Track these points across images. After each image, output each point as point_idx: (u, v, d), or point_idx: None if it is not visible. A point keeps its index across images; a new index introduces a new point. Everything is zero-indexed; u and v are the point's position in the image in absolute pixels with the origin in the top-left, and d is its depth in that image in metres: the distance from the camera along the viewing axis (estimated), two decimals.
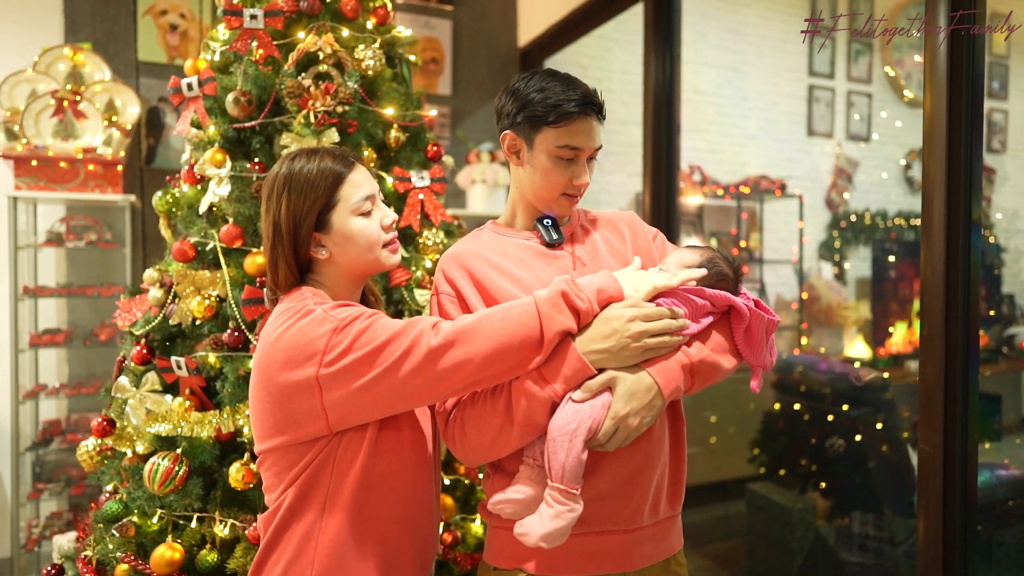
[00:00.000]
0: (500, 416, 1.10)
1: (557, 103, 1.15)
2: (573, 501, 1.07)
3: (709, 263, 1.20)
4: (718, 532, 3.39)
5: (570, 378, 1.08)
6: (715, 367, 1.14)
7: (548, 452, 1.08)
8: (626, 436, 1.09)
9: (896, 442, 2.61)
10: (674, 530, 1.25)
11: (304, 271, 1.21)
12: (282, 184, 1.16)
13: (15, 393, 2.87)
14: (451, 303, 1.22)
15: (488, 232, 1.31)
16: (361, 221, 1.17)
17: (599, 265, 1.24)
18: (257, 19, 1.75)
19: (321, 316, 1.08)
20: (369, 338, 1.06)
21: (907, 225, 5.07)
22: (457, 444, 1.16)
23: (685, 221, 4.44)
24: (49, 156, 2.88)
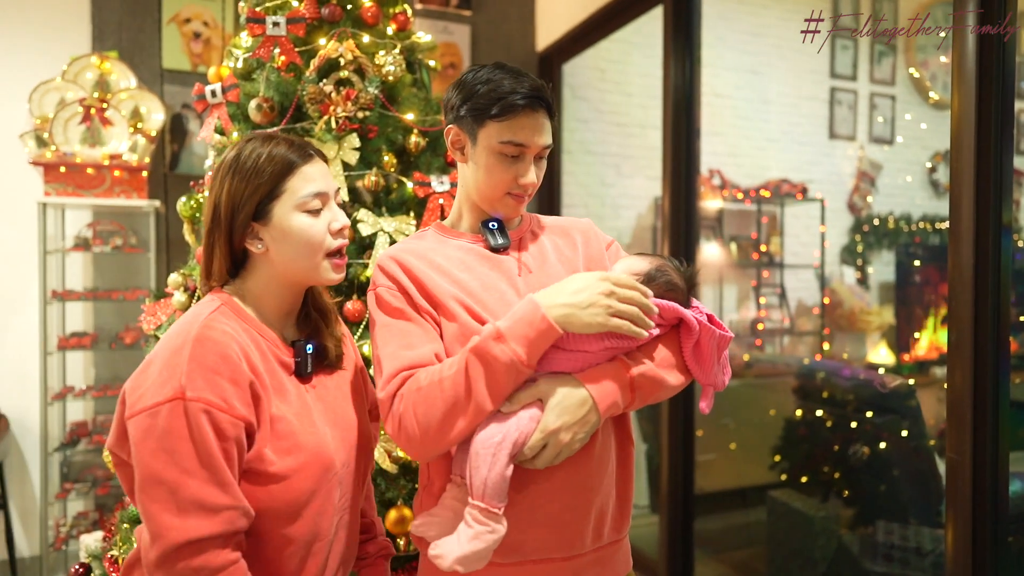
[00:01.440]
0: (454, 386, 0.99)
1: (501, 95, 1.07)
2: (495, 521, 0.98)
3: (657, 271, 1.12)
4: (738, 539, 3.36)
5: (532, 339, 0.98)
6: (658, 382, 1.06)
7: (470, 466, 1.00)
8: (556, 453, 1.00)
9: (922, 450, 2.56)
10: (619, 554, 1.16)
11: (239, 266, 1.10)
12: (228, 165, 1.06)
13: (44, 395, 2.93)
14: (391, 295, 1.11)
15: (432, 233, 1.23)
16: (305, 219, 1.06)
17: (547, 272, 1.17)
18: (279, 26, 1.77)
19: (177, 365, 0.95)
20: (154, 469, 0.92)
21: (932, 229, 4.99)
22: (402, 430, 1.03)
23: (705, 225, 4.41)
24: (77, 163, 2.93)
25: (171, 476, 0.91)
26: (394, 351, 1.07)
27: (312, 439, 1.05)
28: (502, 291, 1.13)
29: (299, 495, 1.01)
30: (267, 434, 1.01)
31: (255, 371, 1.01)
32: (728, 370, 1.15)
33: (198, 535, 0.91)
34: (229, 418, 0.95)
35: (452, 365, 1.02)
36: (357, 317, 1.68)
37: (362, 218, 1.72)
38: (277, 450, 1.01)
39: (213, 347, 0.97)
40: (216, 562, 0.92)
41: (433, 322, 1.11)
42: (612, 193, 4.27)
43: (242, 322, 1.05)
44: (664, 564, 2.75)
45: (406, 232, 1.75)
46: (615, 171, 4.28)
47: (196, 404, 0.93)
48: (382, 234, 1.72)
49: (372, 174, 1.75)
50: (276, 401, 1.04)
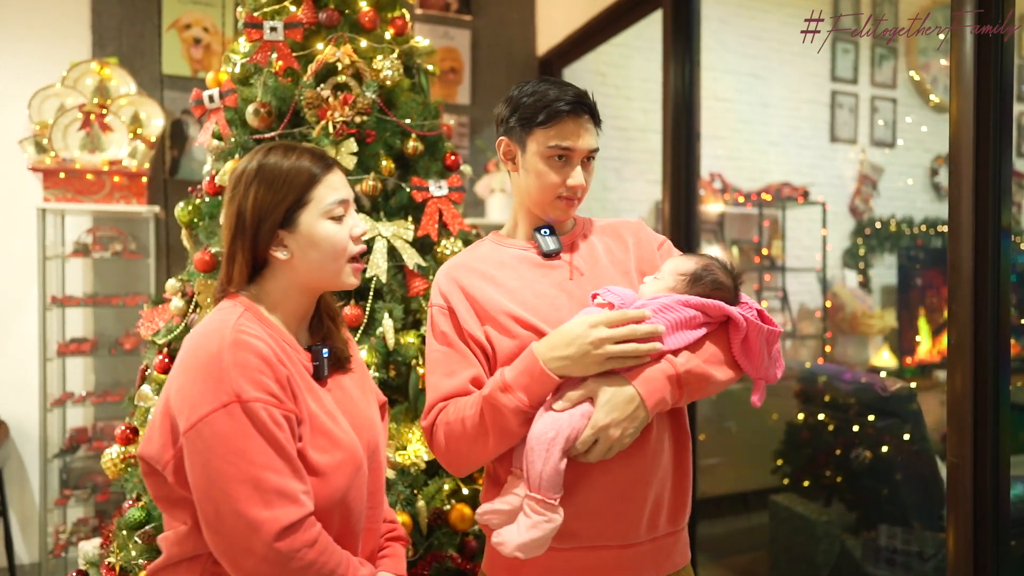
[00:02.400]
0: (474, 427, 1.10)
1: (547, 103, 1.15)
2: (551, 511, 1.04)
3: (704, 271, 1.16)
4: (740, 544, 3.34)
5: (531, 387, 1.06)
6: (705, 378, 1.10)
7: (526, 460, 1.06)
8: (607, 447, 1.06)
9: (924, 453, 2.55)
10: (677, 546, 1.21)
11: (256, 273, 1.13)
12: (253, 174, 1.09)
13: (43, 401, 2.93)
14: (442, 315, 1.21)
15: (488, 242, 1.30)
16: (331, 226, 1.10)
17: (598, 275, 1.22)
18: (277, 31, 1.77)
19: (222, 371, 0.98)
20: (222, 469, 0.95)
21: (934, 232, 4.97)
22: (440, 454, 1.17)
23: (705, 229, 4.41)
24: (76, 168, 2.94)
25: (249, 473, 0.96)
26: (436, 380, 1.18)
27: (346, 438, 1.10)
28: (553, 297, 1.19)
29: (335, 491, 1.06)
30: (307, 430, 1.05)
31: (289, 370, 1.06)
32: (781, 363, 1.18)
33: (290, 520, 0.96)
34: (282, 411, 1.01)
35: (472, 405, 1.11)
36: (355, 322, 1.67)
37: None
38: (316, 447, 1.05)
39: (251, 349, 1.01)
40: (311, 535, 0.99)
41: (476, 346, 1.18)
42: (612, 197, 4.27)
43: (264, 326, 1.08)
44: None
45: (404, 237, 1.75)
46: (616, 175, 4.28)
47: (253, 404, 0.97)
48: (380, 239, 1.72)
49: (370, 179, 1.75)
50: (309, 399, 1.08)
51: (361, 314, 1.68)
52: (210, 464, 0.96)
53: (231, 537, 0.96)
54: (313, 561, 0.98)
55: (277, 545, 0.95)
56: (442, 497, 1.70)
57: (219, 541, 0.98)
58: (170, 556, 1.08)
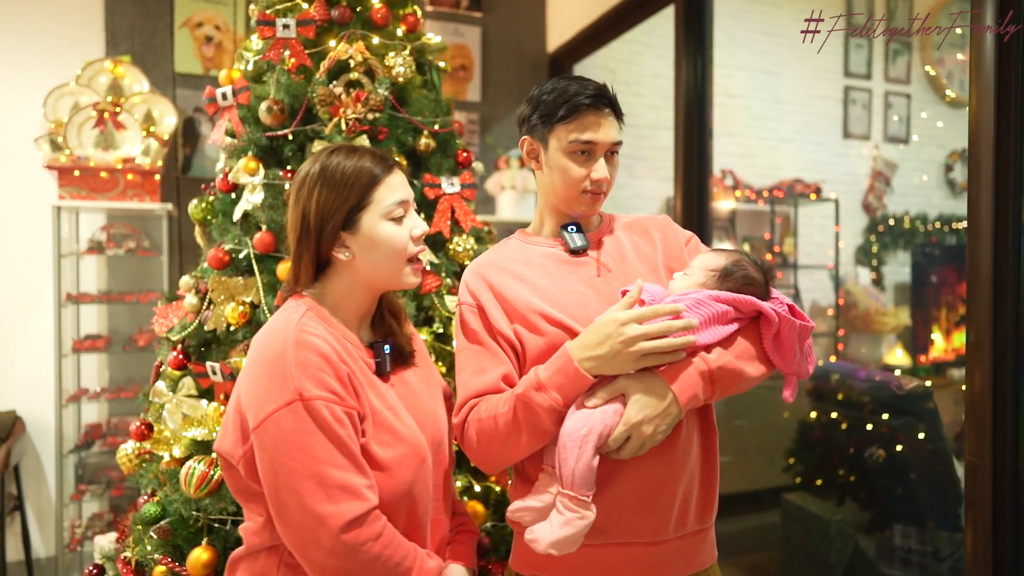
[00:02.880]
0: (507, 424, 1.10)
1: (567, 98, 1.15)
2: (584, 508, 1.04)
3: (735, 266, 1.16)
4: (752, 543, 3.32)
5: (565, 387, 1.06)
6: (737, 374, 1.09)
7: (558, 458, 1.06)
8: (640, 444, 1.05)
9: (940, 452, 2.52)
10: (705, 544, 1.21)
11: (320, 273, 1.16)
12: (316, 177, 1.11)
13: (59, 397, 2.95)
14: (472, 314, 1.21)
15: (515, 240, 1.30)
16: (391, 227, 1.13)
17: (626, 271, 1.22)
18: (289, 28, 1.77)
19: (285, 369, 1.02)
20: (287, 463, 0.99)
21: (948, 229, 4.92)
22: (471, 452, 1.17)
23: (717, 226, 4.38)
24: (90, 166, 2.96)
25: (313, 469, 0.99)
26: (467, 378, 1.18)
27: (409, 432, 1.12)
28: (581, 293, 1.19)
29: (400, 485, 1.08)
30: (370, 425, 1.08)
31: (350, 367, 1.08)
32: (812, 358, 1.18)
33: (354, 514, 0.99)
34: (344, 408, 1.03)
35: (505, 403, 1.11)
36: None
37: None
38: (379, 442, 1.07)
39: (313, 348, 1.04)
40: (376, 529, 1.02)
41: (507, 344, 1.18)
42: (624, 194, 4.25)
43: (327, 325, 1.11)
44: None
45: None
46: (627, 172, 4.26)
47: (315, 402, 1.00)
48: None
49: None
50: (371, 395, 1.10)
51: None
52: (277, 461, 1.00)
53: (299, 530, 0.99)
54: (379, 554, 1.01)
55: (343, 537, 0.98)
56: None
57: (289, 534, 1.01)
58: (250, 546, 1.13)
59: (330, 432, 1.00)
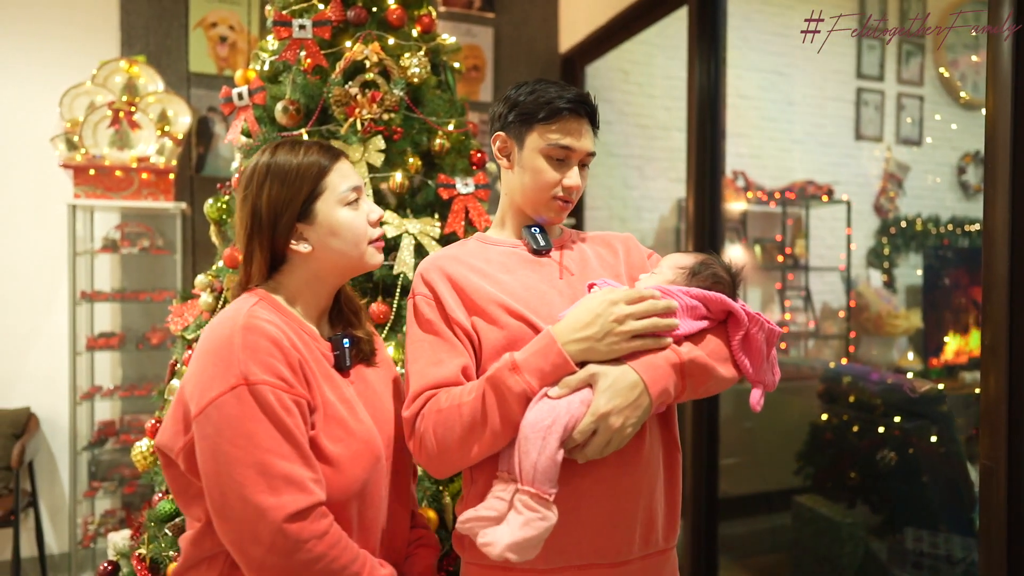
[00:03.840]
0: (471, 414, 1.01)
1: (548, 100, 1.13)
2: (545, 507, 0.96)
3: (702, 265, 1.13)
4: (762, 545, 3.32)
5: (548, 373, 0.99)
6: (708, 370, 1.04)
7: (519, 451, 0.98)
8: (607, 439, 0.98)
9: (953, 455, 2.51)
10: (668, 565, 1.14)
11: (274, 269, 1.12)
12: (263, 172, 1.08)
13: (73, 394, 2.98)
14: (427, 304, 1.14)
15: (473, 241, 1.26)
16: (348, 212, 1.10)
17: (588, 275, 1.18)
18: (305, 29, 1.78)
19: (231, 354, 0.97)
20: (226, 451, 0.93)
21: (961, 232, 4.89)
22: (423, 449, 1.05)
23: (728, 228, 4.37)
24: (105, 165, 2.98)
25: (256, 457, 0.93)
26: (422, 368, 1.09)
27: (361, 428, 1.07)
28: (543, 292, 1.14)
29: (350, 483, 1.03)
30: (320, 418, 1.02)
31: (302, 355, 1.03)
32: (777, 370, 1.13)
33: (297, 507, 0.93)
34: (292, 396, 0.98)
35: (471, 391, 1.03)
36: (382, 318, 1.68)
37: (387, 220, 1.72)
38: (329, 436, 1.02)
39: (262, 333, 1.00)
40: (321, 527, 0.95)
41: (464, 335, 1.11)
42: (634, 195, 4.25)
43: (280, 315, 1.07)
44: (688, 568, 2.73)
45: (431, 234, 1.75)
46: (638, 173, 4.26)
47: (261, 387, 0.95)
48: (407, 236, 1.73)
49: (397, 176, 1.76)
50: (325, 387, 1.06)
51: (388, 311, 1.68)
52: (218, 448, 0.94)
53: (237, 523, 0.93)
54: (323, 554, 0.95)
55: (285, 528, 0.92)
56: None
57: (227, 529, 0.95)
58: (188, 557, 1.05)
59: (276, 419, 0.95)
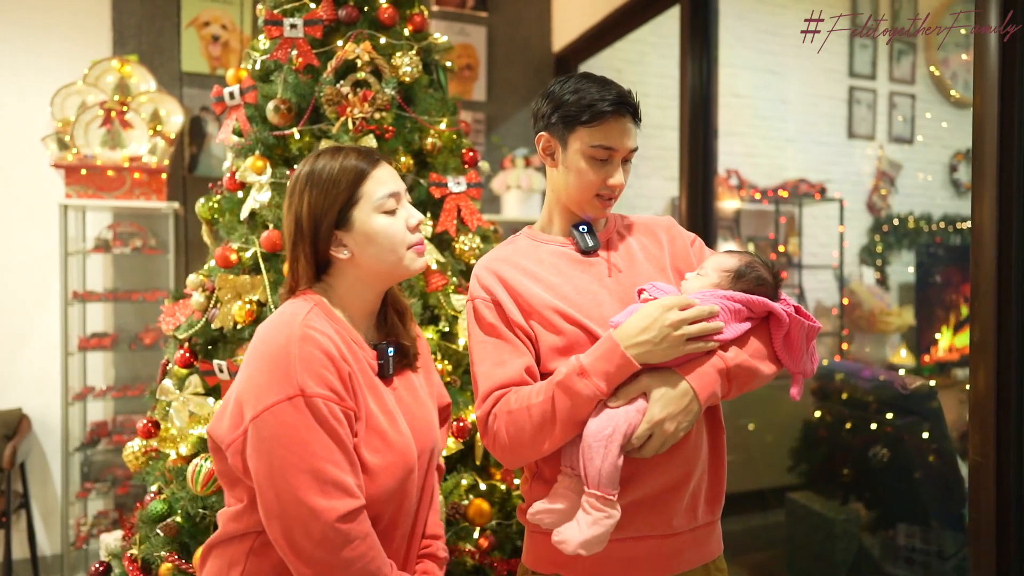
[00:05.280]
0: (542, 415, 1.09)
1: (591, 103, 1.15)
2: (610, 507, 1.06)
3: (747, 267, 1.18)
4: (756, 542, 3.32)
5: (612, 375, 1.07)
6: (753, 372, 1.12)
7: (583, 458, 1.07)
8: (662, 442, 1.07)
9: (944, 452, 2.52)
10: (713, 535, 1.24)
11: (322, 272, 1.16)
12: (304, 180, 1.13)
13: (65, 395, 2.97)
14: (486, 307, 1.20)
15: (524, 238, 1.30)
16: (384, 219, 1.12)
17: (635, 272, 1.23)
18: (297, 28, 1.78)
19: (289, 364, 1.02)
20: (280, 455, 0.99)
21: (953, 229, 4.91)
22: (496, 444, 1.15)
23: (722, 226, 4.38)
24: (97, 165, 2.97)
25: (310, 464, 0.99)
26: (488, 370, 1.16)
27: (400, 440, 1.11)
28: (594, 292, 1.19)
29: (382, 491, 1.08)
30: (363, 428, 1.08)
31: (352, 368, 1.08)
32: (816, 357, 1.20)
33: (347, 509, 1.00)
34: (343, 408, 1.04)
35: (540, 392, 1.10)
36: None
37: None
38: (369, 446, 1.07)
39: (317, 345, 1.04)
40: (366, 528, 1.03)
41: (525, 336, 1.17)
42: (628, 194, 4.25)
43: (332, 323, 1.11)
44: None
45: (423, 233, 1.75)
46: (632, 171, 4.25)
47: (316, 399, 1.01)
48: None
49: None
50: (370, 398, 1.10)
51: None
52: (273, 452, 1.00)
53: (291, 522, 0.99)
54: (363, 554, 1.01)
55: (337, 526, 0.98)
56: (460, 492, 1.70)
57: (278, 527, 1.00)
58: (225, 532, 1.12)
59: (329, 429, 1.01)
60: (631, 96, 1.19)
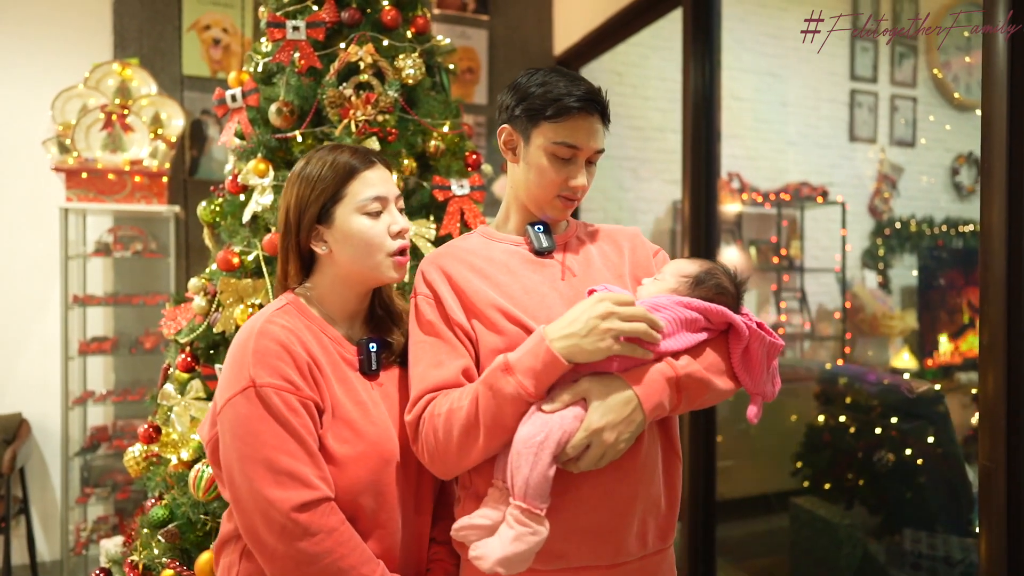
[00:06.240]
0: (466, 417, 1.01)
1: (557, 97, 1.08)
2: (536, 523, 0.96)
3: (707, 274, 1.11)
4: (760, 547, 3.31)
5: (540, 372, 0.97)
6: (705, 384, 1.03)
7: (511, 466, 0.98)
8: (600, 454, 0.97)
9: (951, 456, 2.51)
10: (664, 564, 1.14)
11: (309, 269, 1.17)
12: (297, 173, 1.14)
13: (65, 399, 2.95)
14: (428, 304, 1.14)
15: (476, 236, 1.23)
16: (365, 221, 1.11)
17: (591, 277, 1.16)
18: (299, 30, 1.77)
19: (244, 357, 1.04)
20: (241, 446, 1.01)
21: (955, 233, 4.90)
22: (425, 451, 1.07)
23: (724, 229, 4.37)
24: (98, 168, 2.96)
25: (263, 454, 0.99)
26: (423, 371, 1.10)
27: (373, 430, 1.09)
28: (543, 294, 1.12)
29: (355, 483, 1.06)
30: (329, 418, 1.07)
31: (314, 358, 1.08)
32: (778, 380, 1.12)
33: (302, 500, 0.99)
34: (298, 397, 1.03)
35: (468, 394, 1.03)
36: None
37: None
38: (336, 437, 1.07)
39: (273, 337, 1.05)
40: (331, 522, 1.00)
41: (464, 336, 1.11)
42: (629, 197, 4.24)
43: (305, 319, 1.12)
44: (687, 571, 2.72)
45: (426, 236, 1.74)
46: (632, 175, 4.26)
47: (266, 389, 1.01)
48: None
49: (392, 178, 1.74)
50: (338, 390, 1.09)
51: None
52: (231, 445, 1.02)
53: (251, 515, 1.00)
54: (330, 550, 0.99)
55: (294, 516, 0.97)
56: None
57: (241, 518, 1.02)
58: (224, 532, 1.15)
59: (282, 419, 1.01)
60: (600, 94, 1.12)
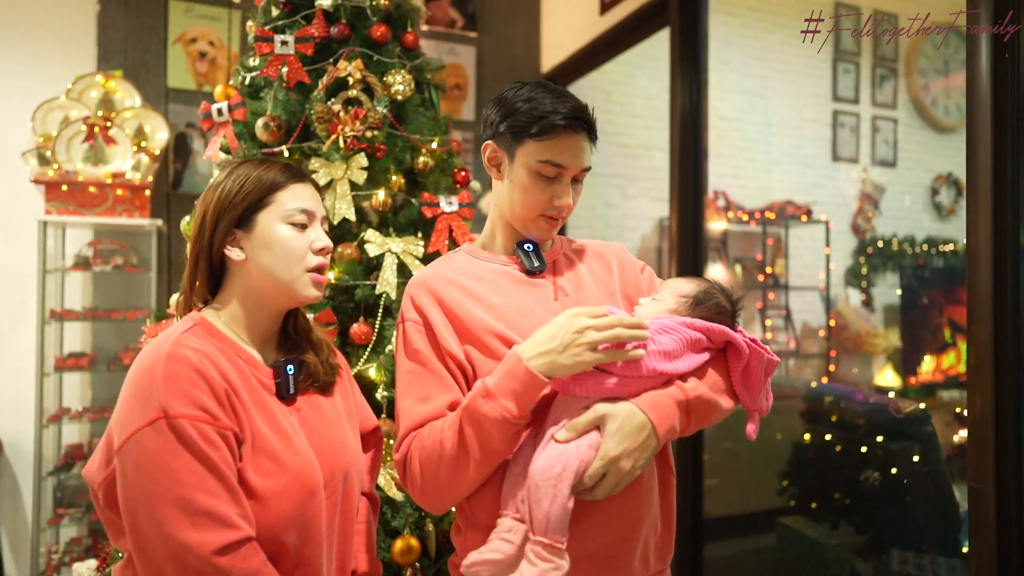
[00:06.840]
0: (453, 447, 0.98)
1: (543, 114, 1.05)
2: (558, 557, 0.94)
3: (706, 294, 1.10)
4: (747, 566, 3.28)
5: (520, 393, 0.95)
6: (712, 405, 1.03)
7: (529, 500, 0.95)
8: (617, 481, 0.96)
9: (937, 476, 2.51)
10: None
11: (218, 283, 1.09)
12: (222, 179, 1.08)
13: (39, 417, 2.88)
14: (417, 332, 1.09)
15: (462, 254, 1.20)
16: (288, 230, 1.06)
17: (584, 296, 1.14)
18: (288, 45, 1.75)
19: (152, 385, 0.92)
20: (139, 490, 0.89)
21: (936, 252, 4.97)
22: (415, 489, 1.04)
23: (709, 247, 4.39)
24: (79, 181, 2.91)
25: (178, 493, 0.89)
26: (410, 406, 1.07)
27: (295, 460, 1.01)
28: (539, 316, 1.09)
29: (279, 518, 0.97)
30: (249, 449, 0.98)
31: (231, 385, 0.98)
32: (771, 396, 1.12)
33: (223, 543, 0.89)
34: (216, 428, 0.94)
35: (451, 425, 1.00)
36: (364, 339, 1.64)
37: (369, 239, 1.69)
38: (257, 469, 0.97)
39: (185, 362, 0.95)
40: (253, 565, 0.92)
41: (456, 367, 1.08)
42: (616, 214, 4.26)
43: (216, 341, 1.03)
44: None
45: (414, 253, 1.72)
46: (619, 192, 4.27)
47: (181, 420, 0.91)
48: (389, 255, 1.69)
49: (380, 194, 1.73)
50: (258, 418, 1.00)
51: (370, 331, 1.65)
52: (137, 485, 0.90)
53: (159, 562, 0.88)
54: None
55: (215, 561, 0.87)
56: (451, 520, 1.65)
57: (147, 568, 0.90)
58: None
59: (199, 453, 0.90)
60: (587, 112, 1.09)
